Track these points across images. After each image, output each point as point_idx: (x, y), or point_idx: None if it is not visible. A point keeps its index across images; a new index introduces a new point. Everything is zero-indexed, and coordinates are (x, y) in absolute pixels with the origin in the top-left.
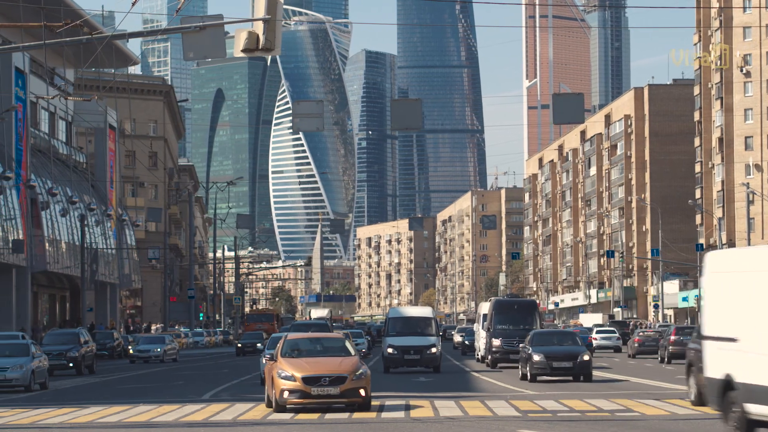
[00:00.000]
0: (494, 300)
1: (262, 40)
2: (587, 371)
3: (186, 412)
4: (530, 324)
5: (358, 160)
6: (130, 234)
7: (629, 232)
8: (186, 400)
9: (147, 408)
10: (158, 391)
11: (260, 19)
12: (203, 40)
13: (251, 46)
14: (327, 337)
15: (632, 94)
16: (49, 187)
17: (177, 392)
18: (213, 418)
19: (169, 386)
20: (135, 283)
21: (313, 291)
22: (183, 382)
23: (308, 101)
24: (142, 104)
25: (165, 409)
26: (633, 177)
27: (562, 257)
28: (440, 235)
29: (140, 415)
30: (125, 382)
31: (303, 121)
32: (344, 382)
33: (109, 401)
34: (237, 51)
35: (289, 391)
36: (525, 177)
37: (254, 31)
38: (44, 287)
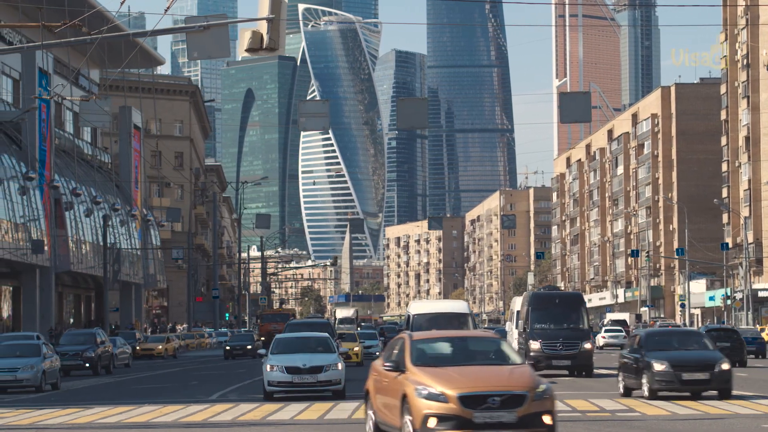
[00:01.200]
0: (530, 293)
1: (266, 40)
2: (726, 385)
3: (188, 412)
4: (576, 322)
5: (388, 160)
6: (155, 234)
7: (656, 231)
8: (193, 400)
9: (151, 408)
10: (169, 392)
11: (264, 19)
12: (207, 39)
13: (255, 46)
14: (475, 336)
15: (659, 93)
16: (73, 187)
17: (187, 393)
18: (213, 418)
19: (182, 386)
20: (160, 284)
21: (342, 291)
22: (197, 383)
23: (314, 101)
24: (167, 104)
25: (169, 409)
26: (660, 176)
27: (589, 256)
28: (469, 234)
29: (142, 415)
30: (140, 383)
31: (309, 120)
32: (522, 404)
33: (116, 402)
34: (241, 50)
35: (439, 418)
36: (553, 176)
37: (258, 30)
38: (69, 287)
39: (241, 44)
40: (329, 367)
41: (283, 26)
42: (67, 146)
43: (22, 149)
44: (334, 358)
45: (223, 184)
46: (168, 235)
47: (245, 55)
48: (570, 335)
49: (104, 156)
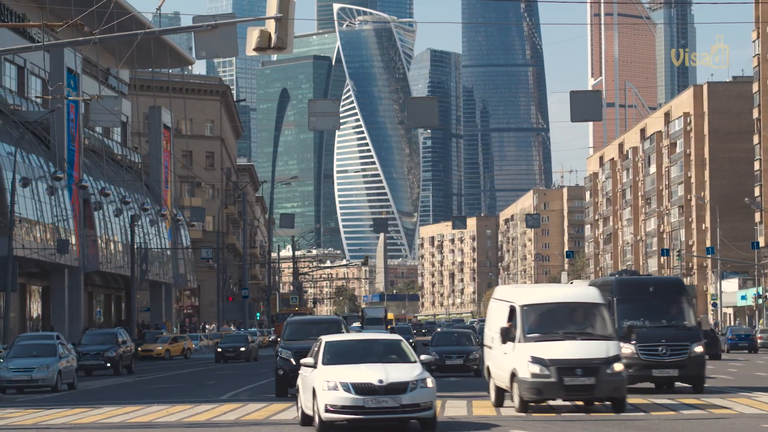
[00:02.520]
0: (615, 280)
1: (274, 39)
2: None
3: (194, 412)
4: (679, 317)
5: (423, 159)
6: (185, 234)
7: (689, 230)
8: (203, 400)
9: (158, 408)
10: (183, 391)
11: (272, 18)
12: (215, 39)
13: (263, 45)
14: None
15: (691, 92)
16: (102, 187)
17: (200, 392)
18: (217, 418)
19: (198, 386)
20: (190, 283)
21: (376, 290)
22: (215, 382)
23: (324, 100)
24: (198, 104)
25: (176, 409)
26: (692, 175)
27: (622, 256)
28: (503, 234)
29: (148, 415)
30: (158, 382)
31: (319, 120)
32: None
33: (127, 401)
34: (249, 49)
35: None
36: (586, 175)
37: (266, 29)
38: (99, 287)
39: (249, 43)
40: (415, 384)
41: (292, 25)
42: (96, 146)
43: (51, 149)
44: (420, 370)
45: (256, 184)
46: (199, 235)
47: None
48: (675, 335)
49: (134, 156)
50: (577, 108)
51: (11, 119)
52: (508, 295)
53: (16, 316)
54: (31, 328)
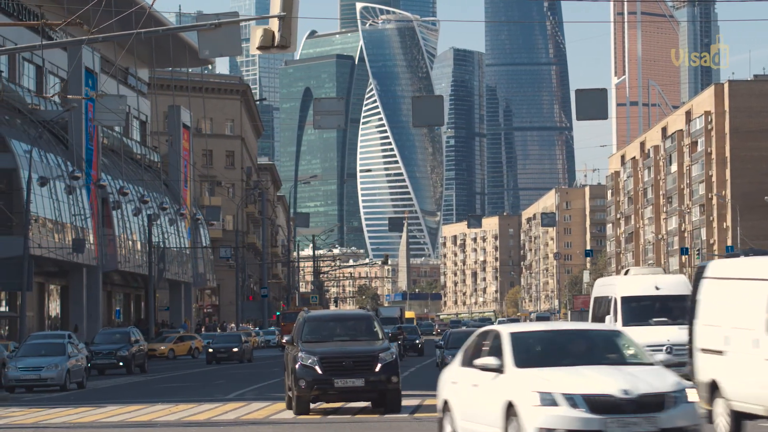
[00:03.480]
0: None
1: (278, 38)
2: None
3: (197, 411)
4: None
5: (447, 159)
6: (205, 233)
7: (710, 229)
8: (208, 399)
9: (162, 407)
10: (190, 390)
11: (275, 16)
12: (219, 37)
13: (266, 44)
14: None
15: (712, 91)
16: (120, 186)
17: (206, 392)
18: (218, 417)
19: (207, 385)
20: (210, 282)
21: (399, 289)
22: (224, 381)
23: (329, 98)
24: (218, 103)
25: (179, 408)
26: (713, 173)
27: (644, 255)
28: (525, 233)
29: (149, 414)
30: (168, 382)
31: (324, 118)
32: None
33: (132, 401)
34: (252, 48)
35: None
36: (607, 174)
37: (270, 28)
38: (119, 286)
39: (252, 42)
40: (676, 397)
41: (295, 24)
42: (115, 145)
43: (69, 149)
44: (669, 377)
45: (277, 183)
46: (219, 234)
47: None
48: None
49: (153, 155)
50: (582, 106)
51: (29, 118)
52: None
53: (35, 315)
54: (49, 327)
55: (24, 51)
